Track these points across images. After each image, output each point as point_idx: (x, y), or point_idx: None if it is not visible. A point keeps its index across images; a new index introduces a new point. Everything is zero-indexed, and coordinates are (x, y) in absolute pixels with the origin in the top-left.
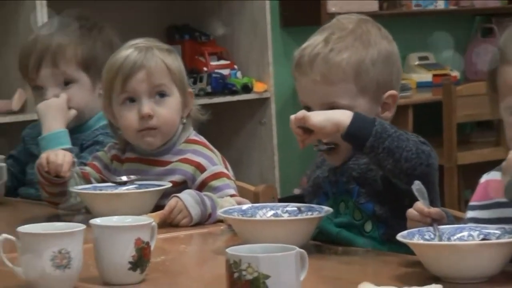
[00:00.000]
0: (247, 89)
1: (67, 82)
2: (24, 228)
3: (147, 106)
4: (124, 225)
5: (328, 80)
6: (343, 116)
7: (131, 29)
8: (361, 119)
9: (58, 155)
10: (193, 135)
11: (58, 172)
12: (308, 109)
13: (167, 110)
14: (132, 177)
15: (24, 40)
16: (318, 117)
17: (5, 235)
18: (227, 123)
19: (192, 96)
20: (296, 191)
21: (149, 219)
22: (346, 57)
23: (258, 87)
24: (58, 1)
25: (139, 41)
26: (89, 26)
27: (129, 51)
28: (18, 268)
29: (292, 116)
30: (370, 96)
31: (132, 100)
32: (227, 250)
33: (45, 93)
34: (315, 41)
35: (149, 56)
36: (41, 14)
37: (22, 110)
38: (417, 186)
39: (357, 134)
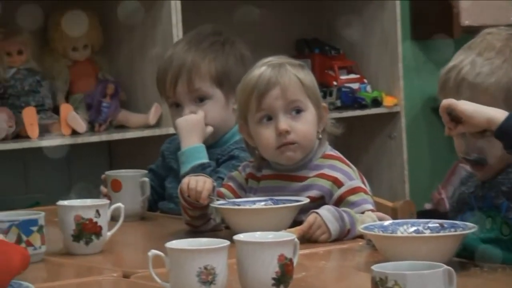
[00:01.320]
0: (376, 103)
1: (202, 99)
2: (172, 244)
3: (284, 122)
4: (268, 241)
5: None
6: (497, 113)
7: (261, 43)
8: None
9: (199, 182)
10: (329, 150)
11: (197, 199)
12: None
13: (304, 126)
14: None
15: (160, 56)
16: (468, 106)
17: (154, 251)
18: (356, 137)
19: (327, 110)
20: (427, 206)
21: (292, 235)
22: (494, 81)
23: (388, 101)
24: (193, 18)
25: (271, 59)
26: (222, 41)
27: (262, 69)
28: (167, 283)
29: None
30: None
31: (269, 118)
32: (373, 267)
33: (182, 110)
34: (460, 63)
35: (282, 72)
36: (177, 29)
37: (158, 124)
38: None
39: (510, 132)
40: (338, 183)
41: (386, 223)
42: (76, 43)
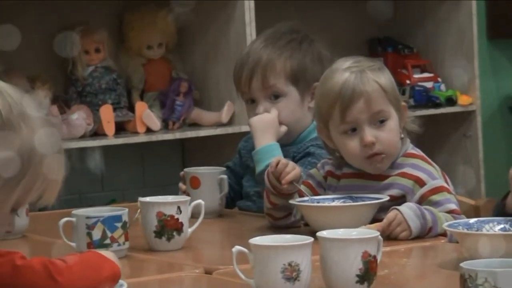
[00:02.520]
0: (451, 102)
1: (276, 96)
2: (256, 240)
3: (369, 134)
4: (352, 237)
5: None
6: None
7: (333, 42)
8: None
9: (290, 164)
10: (411, 148)
11: (280, 179)
12: None
13: (389, 134)
14: None
15: (233, 55)
16: None
17: (238, 247)
18: (430, 136)
19: (406, 108)
20: None
21: (376, 232)
22: None
23: (463, 100)
24: (266, 16)
25: (350, 64)
26: (300, 39)
27: (344, 76)
28: (251, 280)
29: None
30: None
31: (353, 129)
32: (462, 264)
33: (256, 106)
34: None
35: (364, 81)
36: (250, 28)
37: (230, 122)
38: None
39: None
40: (420, 183)
41: (471, 221)
42: (150, 42)
